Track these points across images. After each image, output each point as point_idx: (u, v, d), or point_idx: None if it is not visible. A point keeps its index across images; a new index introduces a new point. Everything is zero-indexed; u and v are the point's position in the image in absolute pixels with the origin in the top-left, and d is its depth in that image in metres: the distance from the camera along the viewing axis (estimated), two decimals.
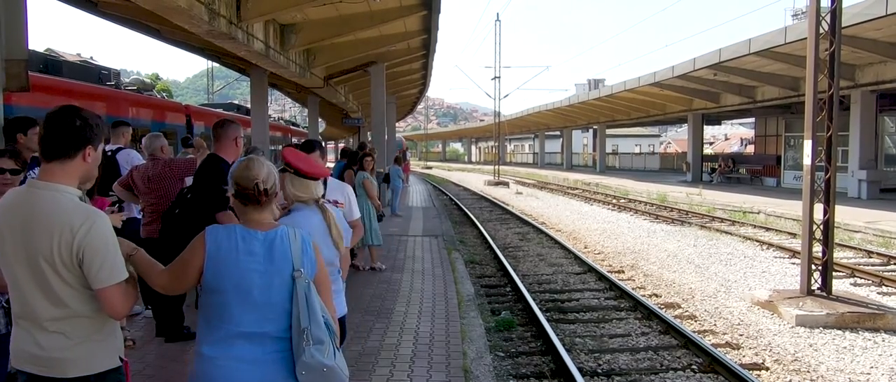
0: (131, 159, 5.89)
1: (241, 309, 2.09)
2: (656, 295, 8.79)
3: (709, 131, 56.34)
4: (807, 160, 7.76)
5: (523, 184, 35.82)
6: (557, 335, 6.47)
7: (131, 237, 5.72)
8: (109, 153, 5.78)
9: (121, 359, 2.14)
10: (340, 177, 8.96)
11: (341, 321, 3.02)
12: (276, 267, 2.13)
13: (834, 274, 8.06)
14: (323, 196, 3.11)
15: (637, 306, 7.86)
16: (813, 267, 7.78)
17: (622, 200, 23.33)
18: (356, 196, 8.24)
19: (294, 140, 27.28)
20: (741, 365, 5.69)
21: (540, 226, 15.78)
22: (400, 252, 10.19)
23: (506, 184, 33.60)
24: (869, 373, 5.77)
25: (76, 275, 1.96)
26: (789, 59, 17.79)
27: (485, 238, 13.58)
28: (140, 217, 5.69)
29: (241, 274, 2.10)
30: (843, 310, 7.14)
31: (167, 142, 5.73)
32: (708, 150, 49.42)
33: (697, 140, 32.27)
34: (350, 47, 15.41)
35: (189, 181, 5.31)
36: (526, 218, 17.74)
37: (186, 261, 2.16)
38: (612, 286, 8.95)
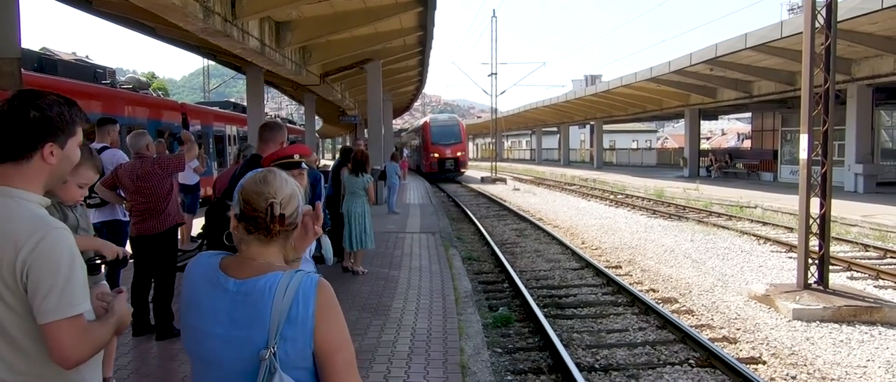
0: (116, 159, 5.64)
1: None
2: (654, 290, 8.80)
3: (706, 126, 56.25)
4: (803, 154, 7.77)
5: (521, 180, 35.84)
6: (555, 330, 6.47)
7: (118, 239, 5.53)
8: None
9: None
10: (336, 174, 8.97)
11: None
12: (243, 334, 1.43)
13: (830, 267, 8.07)
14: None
15: (634, 301, 7.87)
16: (809, 261, 7.79)
17: (619, 196, 23.37)
18: (348, 193, 8.27)
19: (291, 137, 27.40)
20: (738, 359, 5.70)
21: (537, 222, 15.78)
22: (397, 249, 10.19)
23: (503, 181, 33.60)
24: (865, 366, 5.79)
25: (22, 301, 1.55)
26: (785, 54, 17.80)
27: (482, 234, 13.58)
28: (125, 219, 5.50)
29: (201, 336, 1.49)
30: (840, 304, 7.16)
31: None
32: (705, 145, 49.42)
33: (694, 135, 32.33)
34: (346, 44, 15.39)
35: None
36: (523, 214, 17.74)
37: None
38: (610, 281, 8.96)
